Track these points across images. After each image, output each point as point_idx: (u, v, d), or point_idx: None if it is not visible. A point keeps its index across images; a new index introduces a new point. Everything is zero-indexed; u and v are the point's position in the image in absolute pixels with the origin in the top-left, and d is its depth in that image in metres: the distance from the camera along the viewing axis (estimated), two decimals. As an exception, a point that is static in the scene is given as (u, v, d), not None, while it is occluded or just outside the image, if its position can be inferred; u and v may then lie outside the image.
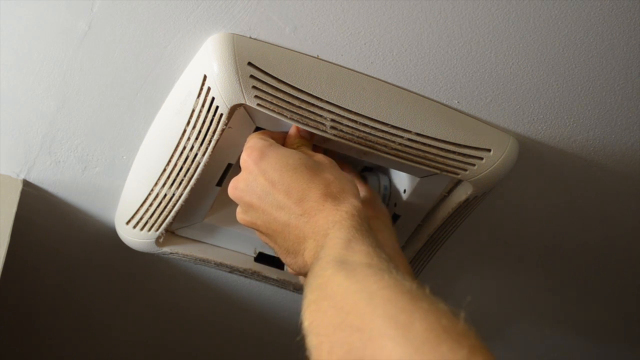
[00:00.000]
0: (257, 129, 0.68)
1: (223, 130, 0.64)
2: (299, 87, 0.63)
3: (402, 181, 0.76)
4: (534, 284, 1.00)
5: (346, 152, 0.69)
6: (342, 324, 0.44)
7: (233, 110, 0.63)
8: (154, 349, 1.07)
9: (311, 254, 0.57)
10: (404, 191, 0.76)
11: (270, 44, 0.63)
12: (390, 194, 0.77)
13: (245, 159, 0.62)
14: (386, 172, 0.78)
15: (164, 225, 0.73)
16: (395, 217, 0.77)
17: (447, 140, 0.68)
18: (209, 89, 0.62)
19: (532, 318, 1.10)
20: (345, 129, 0.65)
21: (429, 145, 0.67)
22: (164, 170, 0.69)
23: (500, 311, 1.08)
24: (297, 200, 0.59)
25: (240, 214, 0.64)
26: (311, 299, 0.49)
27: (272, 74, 0.62)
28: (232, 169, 0.70)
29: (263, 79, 0.62)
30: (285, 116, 0.64)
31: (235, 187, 0.63)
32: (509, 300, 1.05)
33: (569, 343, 1.15)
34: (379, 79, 0.66)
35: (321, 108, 0.64)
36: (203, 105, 0.63)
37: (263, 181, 0.60)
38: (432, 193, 0.74)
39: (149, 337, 1.05)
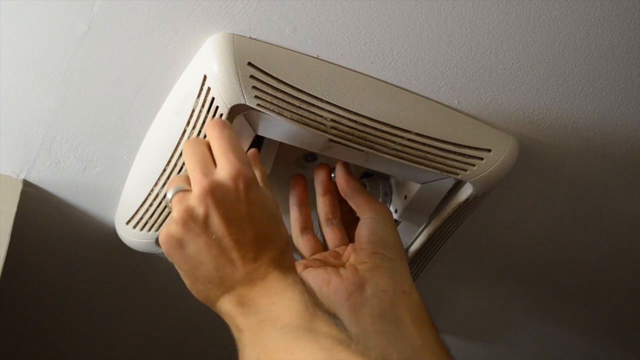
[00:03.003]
0: (257, 137, 0.67)
1: (223, 130, 0.64)
2: (299, 87, 0.63)
3: (403, 187, 0.76)
4: (532, 284, 1.00)
5: (347, 159, 0.69)
6: None
7: (233, 110, 0.63)
8: (154, 349, 1.07)
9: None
10: (405, 197, 0.75)
11: (270, 44, 0.63)
12: (391, 200, 0.77)
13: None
14: (387, 178, 0.78)
15: (163, 225, 0.73)
16: (395, 223, 0.77)
17: (447, 140, 0.68)
18: (209, 89, 0.62)
19: (530, 317, 1.10)
20: (345, 129, 0.65)
21: (429, 146, 0.67)
22: (164, 170, 0.69)
23: (497, 310, 1.08)
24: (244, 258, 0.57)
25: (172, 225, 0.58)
26: None
27: (272, 74, 0.62)
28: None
29: (263, 79, 0.62)
30: (286, 116, 0.64)
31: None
32: (507, 300, 1.05)
33: (565, 342, 1.15)
34: (379, 79, 0.66)
35: (321, 108, 0.64)
36: (203, 106, 0.63)
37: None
38: (433, 199, 0.74)
39: (149, 337, 1.05)
